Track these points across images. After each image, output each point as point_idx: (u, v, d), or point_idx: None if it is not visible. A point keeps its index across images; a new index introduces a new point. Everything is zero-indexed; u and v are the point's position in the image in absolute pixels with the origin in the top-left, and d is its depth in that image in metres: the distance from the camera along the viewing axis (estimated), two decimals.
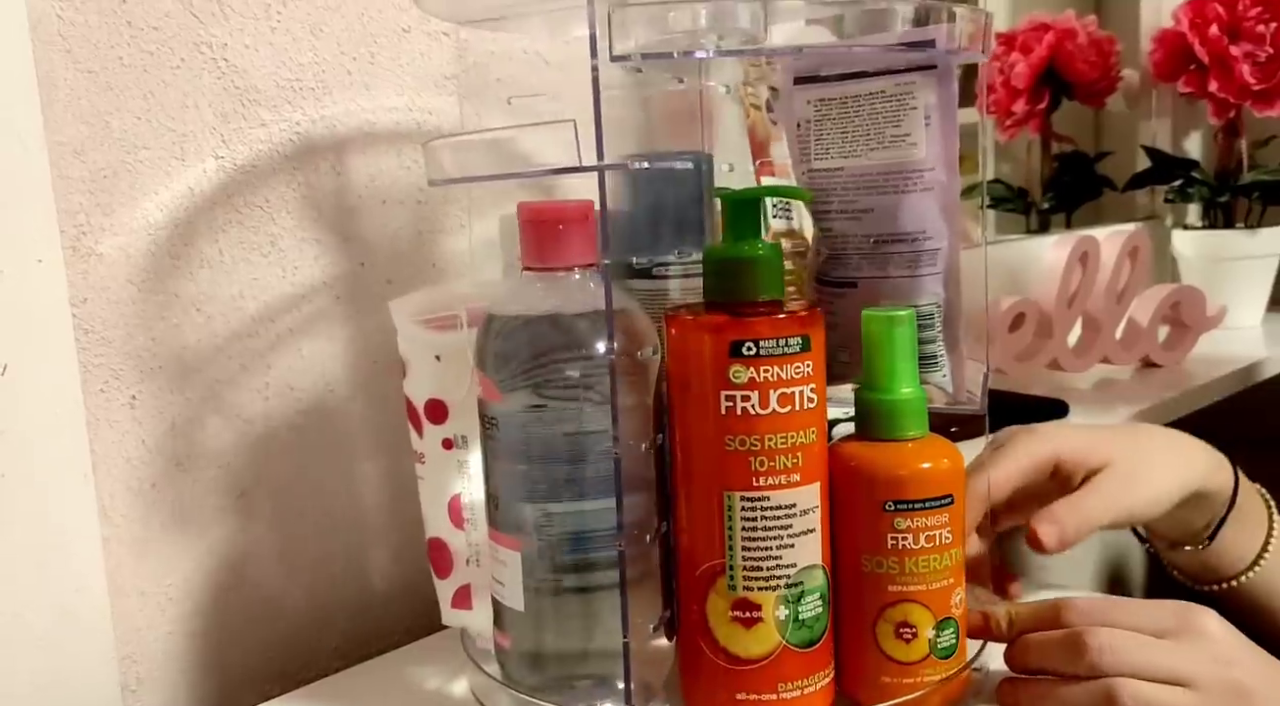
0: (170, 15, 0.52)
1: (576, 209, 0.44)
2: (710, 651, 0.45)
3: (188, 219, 0.54)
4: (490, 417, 0.45)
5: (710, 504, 0.44)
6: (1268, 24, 1.04)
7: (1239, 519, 0.60)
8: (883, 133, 0.49)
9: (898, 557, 0.46)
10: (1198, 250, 1.13)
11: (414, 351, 0.49)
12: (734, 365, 0.42)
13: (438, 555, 0.51)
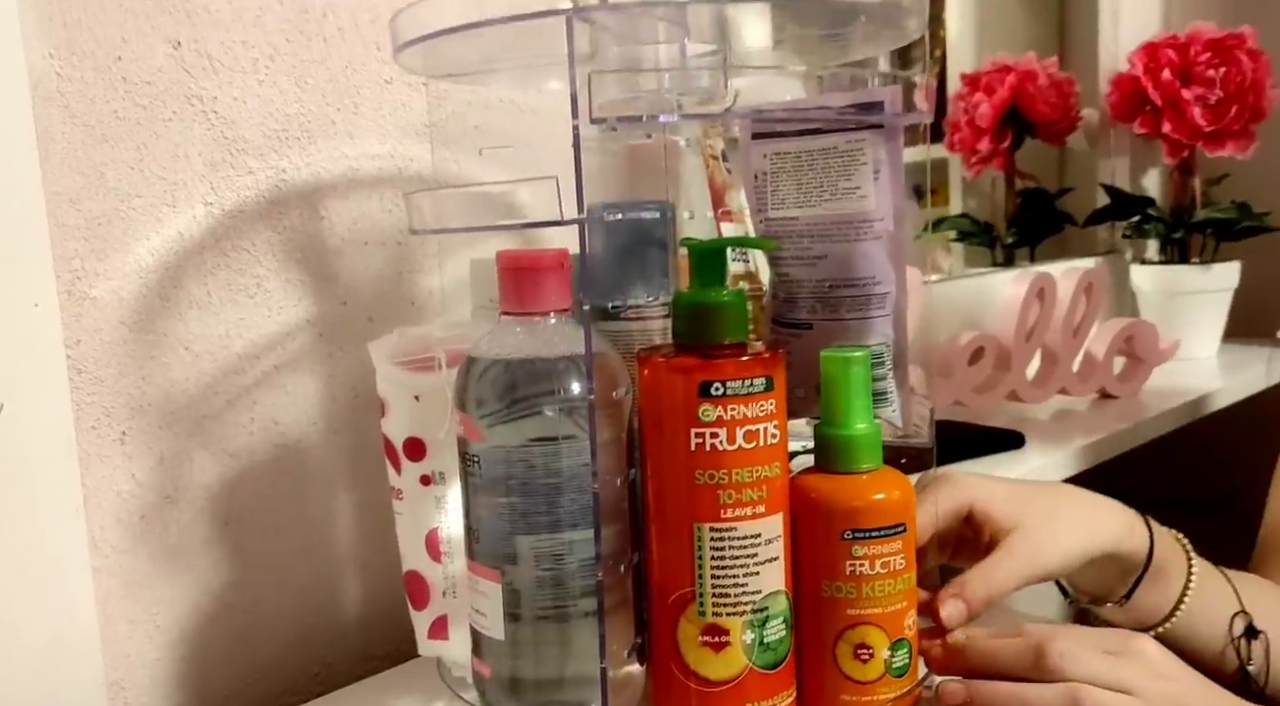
0: (163, 70, 0.55)
1: (553, 257, 0.47)
2: (681, 674, 0.47)
3: (177, 263, 0.56)
4: (472, 455, 0.47)
5: (681, 535, 0.46)
6: (1217, 69, 1.08)
7: (1155, 577, 0.62)
8: (835, 185, 0.52)
9: (855, 583, 0.48)
10: (1154, 284, 1.17)
11: (393, 392, 0.51)
12: (703, 404, 0.45)
13: (414, 587, 0.53)
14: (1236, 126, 1.08)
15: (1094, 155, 1.28)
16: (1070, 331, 0.96)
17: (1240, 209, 1.11)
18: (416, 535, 0.52)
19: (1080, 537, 0.58)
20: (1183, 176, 1.16)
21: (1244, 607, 0.66)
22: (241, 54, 0.58)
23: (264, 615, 0.61)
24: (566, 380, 0.45)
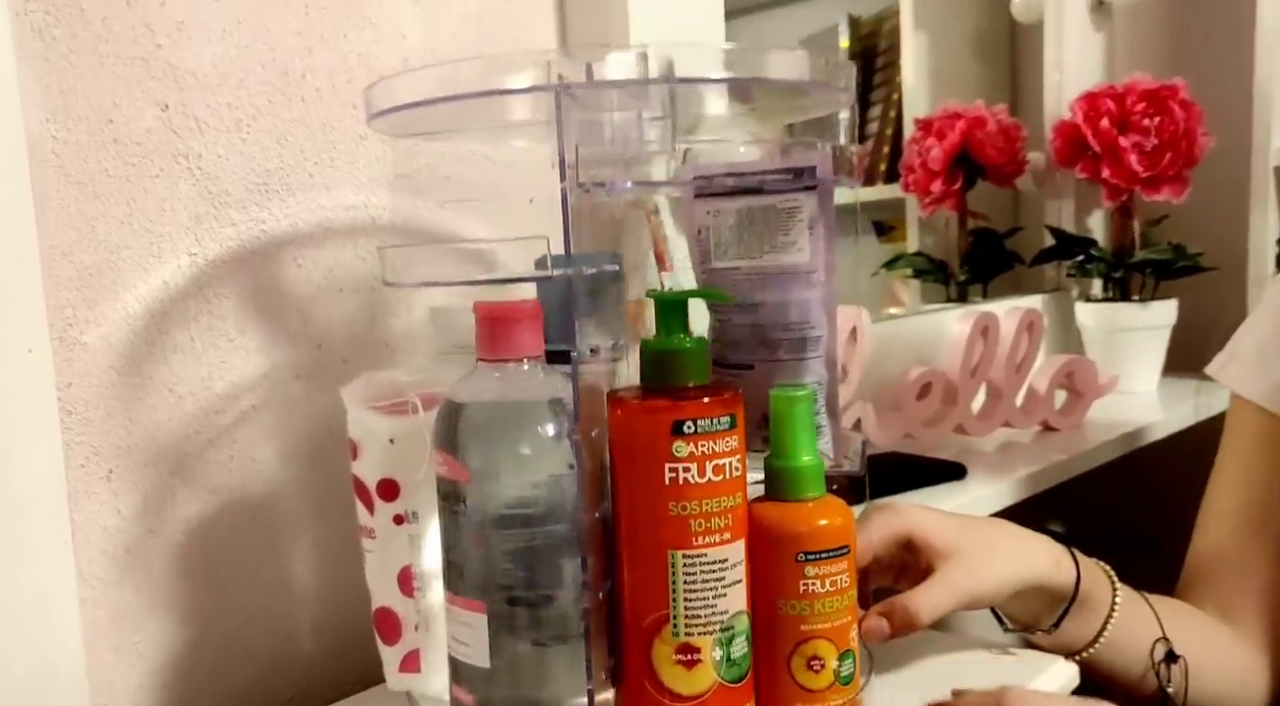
0: (151, 132, 0.59)
1: (528, 308, 0.50)
2: (655, 692, 0.50)
3: (163, 309, 0.60)
4: (458, 495, 0.49)
5: (656, 562, 0.50)
6: (1152, 118, 1.14)
7: (1081, 607, 0.66)
8: (774, 239, 0.56)
9: (808, 601, 0.52)
10: (1097, 320, 1.22)
11: (366, 435, 0.54)
12: (676, 441, 0.49)
13: (385, 623, 0.56)
14: (1171, 172, 1.14)
15: (1041, 196, 1.33)
16: (1013, 367, 1.00)
17: (1176, 250, 1.17)
18: (388, 572, 0.55)
19: (1011, 568, 0.63)
20: (1123, 219, 1.21)
21: (1165, 633, 0.70)
22: (226, 115, 0.62)
23: (240, 644, 0.64)
24: (547, 421, 0.49)
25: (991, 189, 1.34)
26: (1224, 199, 1.22)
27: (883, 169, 1.50)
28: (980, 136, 1.25)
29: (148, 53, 0.58)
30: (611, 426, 0.51)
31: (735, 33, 1.44)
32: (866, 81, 1.51)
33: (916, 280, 1.42)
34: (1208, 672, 0.72)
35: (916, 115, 1.37)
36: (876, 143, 1.51)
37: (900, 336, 1.07)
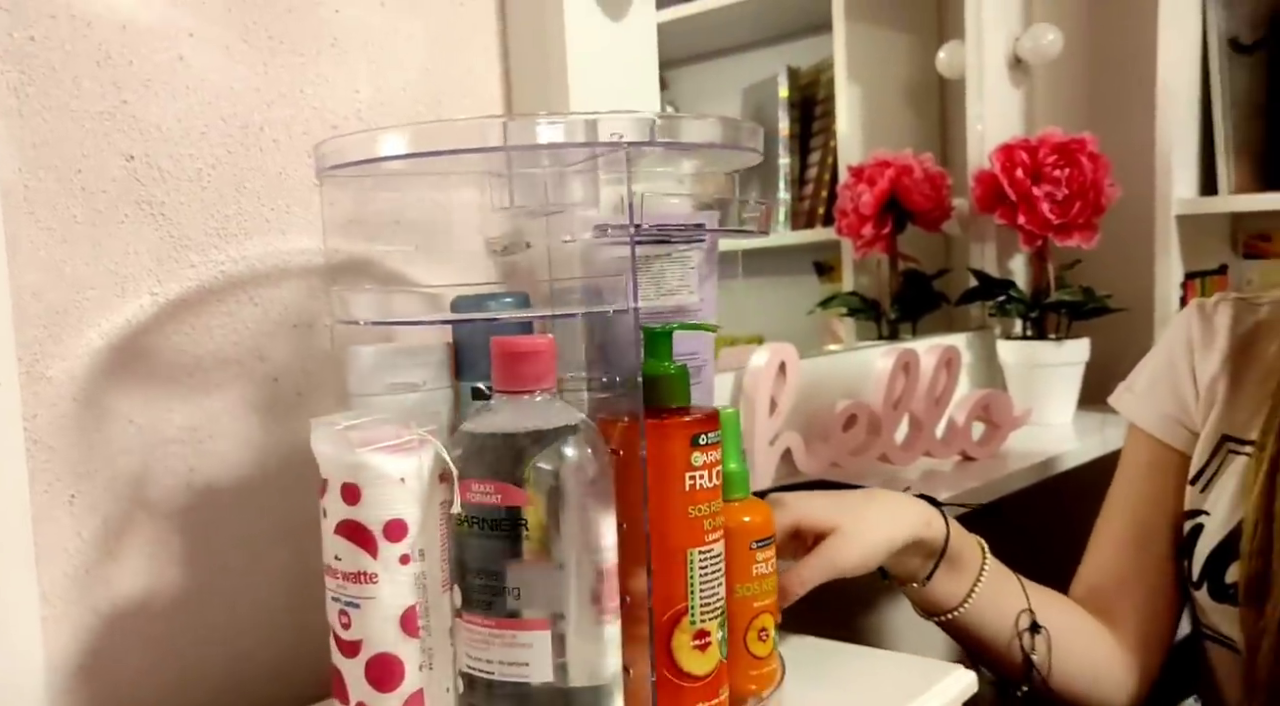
0: (117, 180, 0.63)
1: (545, 343, 0.53)
2: (675, 677, 0.56)
3: (125, 345, 0.63)
4: (517, 520, 0.51)
5: (678, 561, 0.56)
6: (1063, 169, 1.21)
7: (951, 565, 0.74)
8: (670, 283, 0.62)
9: (758, 582, 0.61)
10: (1017, 357, 1.28)
11: (370, 478, 0.52)
12: (694, 452, 0.56)
13: (384, 670, 0.53)
14: (1081, 220, 1.21)
15: (967, 241, 1.40)
16: (933, 400, 1.06)
17: (1086, 292, 1.23)
18: (391, 616, 0.53)
19: (882, 535, 0.70)
20: (1039, 262, 1.28)
21: (1031, 607, 0.77)
22: (188, 164, 0.66)
23: (195, 661, 0.67)
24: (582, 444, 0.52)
25: (923, 232, 1.40)
26: (1131, 245, 1.30)
27: (821, 212, 1.56)
28: (908, 183, 1.32)
29: (115, 108, 0.62)
30: (627, 447, 0.55)
31: (681, 81, 1.50)
32: (806, 129, 1.57)
33: (851, 318, 1.48)
34: (1072, 649, 0.78)
35: (850, 162, 1.44)
36: (815, 187, 1.57)
37: (831, 372, 1.12)
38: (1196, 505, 0.81)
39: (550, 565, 0.52)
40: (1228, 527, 0.77)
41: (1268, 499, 0.74)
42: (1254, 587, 0.73)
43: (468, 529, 0.52)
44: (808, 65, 1.55)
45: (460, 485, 0.52)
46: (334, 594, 0.54)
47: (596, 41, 0.82)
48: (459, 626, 0.54)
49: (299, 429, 0.69)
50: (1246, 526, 0.75)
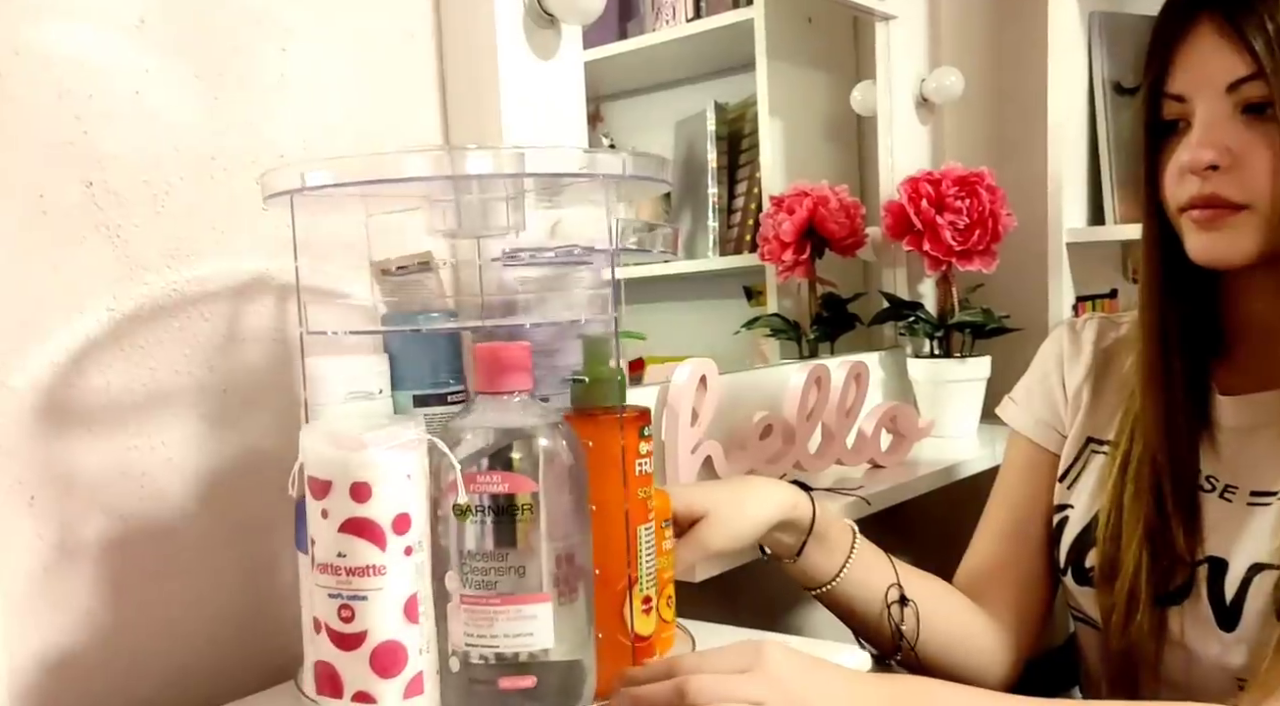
0: (77, 205, 0.67)
1: (521, 349, 0.60)
2: (627, 638, 0.65)
3: (83, 357, 0.67)
4: (523, 505, 0.58)
5: (631, 536, 0.64)
6: (964, 200, 1.29)
7: (820, 543, 0.82)
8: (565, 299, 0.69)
9: (667, 556, 0.71)
10: (925, 374, 1.36)
11: (382, 474, 0.55)
12: (641, 442, 0.66)
13: (388, 657, 0.56)
14: (980, 246, 1.29)
15: (879, 265, 1.48)
16: (843, 412, 1.13)
17: (986, 313, 1.32)
18: (396, 605, 0.56)
19: (748, 519, 0.79)
20: (944, 285, 1.36)
21: (900, 582, 0.84)
22: (144, 190, 0.70)
23: (148, 654, 0.70)
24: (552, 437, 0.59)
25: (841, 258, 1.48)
26: (1027, 270, 1.38)
27: (749, 239, 1.64)
28: (824, 213, 1.39)
29: (75, 137, 0.66)
30: (594, 438, 0.63)
31: (617, 114, 1.57)
32: (733, 161, 1.65)
33: (774, 339, 1.55)
34: (940, 621, 0.86)
35: (773, 193, 1.51)
36: (743, 216, 1.65)
37: (751, 386, 1.18)
38: (1063, 500, 0.89)
39: (546, 544, 0.59)
40: (1087, 518, 0.85)
41: (1119, 491, 0.81)
42: (1107, 569, 0.81)
43: (472, 517, 0.57)
44: (735, 101, 1.62)
45: (465, 477, 0.57)
46: (333, 591, 0.56)
47: (528, 79, 0.88)
48: (457, 610, 0.58)
49: (246, 436, 0.74)
50: (1101, 515, 0.83)
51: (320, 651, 0.57)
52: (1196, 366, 0.82)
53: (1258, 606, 0.73)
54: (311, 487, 0.56)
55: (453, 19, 0.87)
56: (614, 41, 1.56)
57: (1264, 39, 0.69)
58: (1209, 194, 0.74)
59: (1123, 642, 0.80)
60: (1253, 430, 0.80)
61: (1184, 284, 0.81)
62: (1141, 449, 0.81)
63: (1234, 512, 0.78)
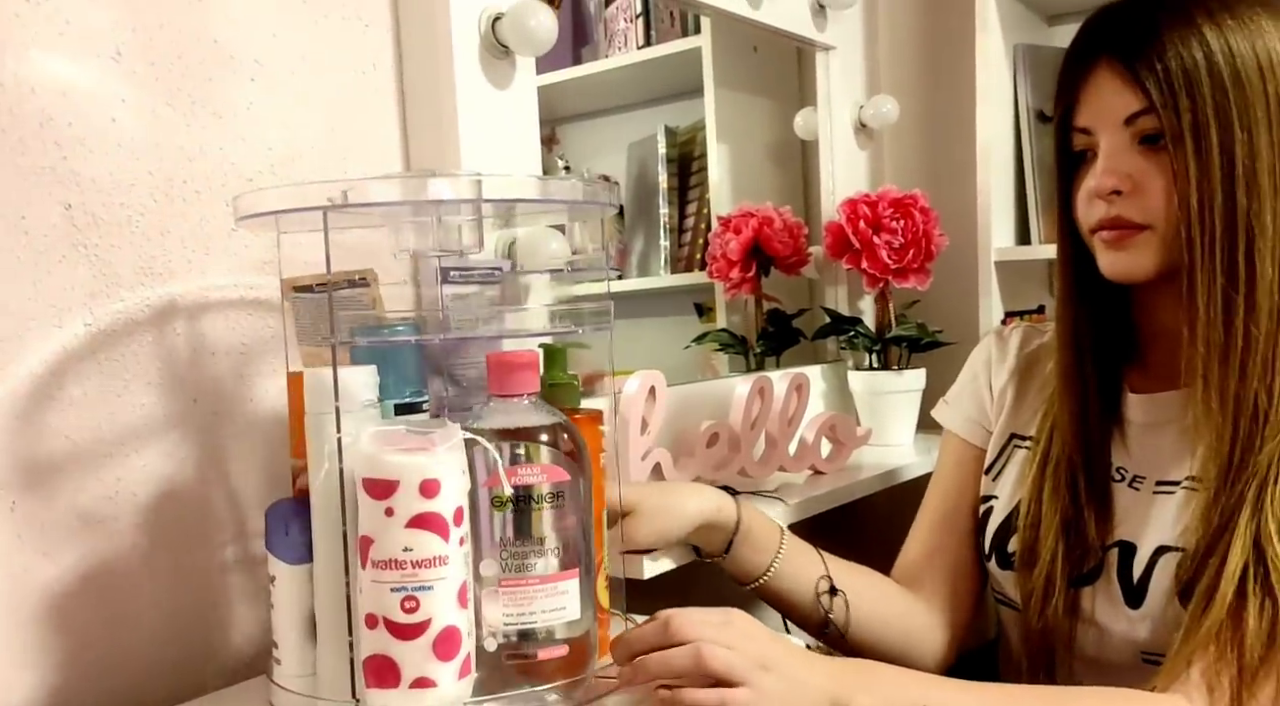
0: (56, 226, 0.70)
1: (529, 356, 0.66)
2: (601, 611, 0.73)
3: (62, 370, 0.71)
4: (559, 493, 0.65)
5: (598, 522, 0.72)
6: (899, 221, 1.36)
7: (747, 542, 0.89)
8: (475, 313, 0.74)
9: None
10: (864, 386, 1.42)
11: (446, 472, 0.60)
12: (601, 437, 0.73)
13: (448, 642, 0.59)
14: (915, 265, 1.36)
15: (822, 283, 1.55)
16: (785, 421, 1.18)
17: (920, 328, 1.38)
18: (454, 592, 0.60)
19: (672, 518, 0.85)
20: (882, 302, 1.43)
21: (829, 574, 0.90)
22: (119, 212, 0.74)
23: (121, 647, 0.73)
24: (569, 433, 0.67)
25: (785, 276, 1.54)
26: (959, 287, 1.46)
27: (699, 258, 1.69)
28: (769, 233, 1.46)
29: (55, 163, 0.70)
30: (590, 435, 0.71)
31: (572, 136, 1.62)
32: (684, 182, 1.70)
33: (723, 353, 1.61)
34: (869, 608, 0.92)
35: (720, 213, 1.57)
36: (693, 235, 1.70)
37: (699, 397, 1.23)
38: (988, 491, 0.95)
39: (575, 527, 0.66)
40: (1009, 507, 0.92)
41: (1039, 482, 0.88)
42: (1027, 554, 0.87)
43: (513, 507, 0.63)
44: (684, 125, 1.68)
45: (508, 471, 0.62)
46: (396, 584, 0.58)
47: (484, 107, 0.93)
48: (495, 594, 0.64)
49: (214, 444, 0.77)
50: (1022, 505, 0.89)
51: (374, 645, 0.59)
52: (1109, 369, 0.89)
53: (1162, 585, 0.80)
54: (372, 489, 0.59)
55: (413, 51, 0.92)
56: (569, 67, 1.60)
57: (1154, 78, 0.76)
58: (1114, 216, 0.81)
59: (1041, 622, 0.87)
60: (1158, 426, 0.86)
61: (1097, 296, 0.88)
62: (1059, 444, 0.88)
63: (1142, 500, 0.85)
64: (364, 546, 0.59)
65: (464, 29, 0.90)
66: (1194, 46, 0.75)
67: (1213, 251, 0.75)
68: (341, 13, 0.87)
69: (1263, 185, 0.75)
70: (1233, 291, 0.75)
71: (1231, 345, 0.76)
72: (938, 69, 1.59)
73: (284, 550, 0.67)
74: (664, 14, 1.59)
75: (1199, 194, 0.75)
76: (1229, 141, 0.75)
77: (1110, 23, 0.81)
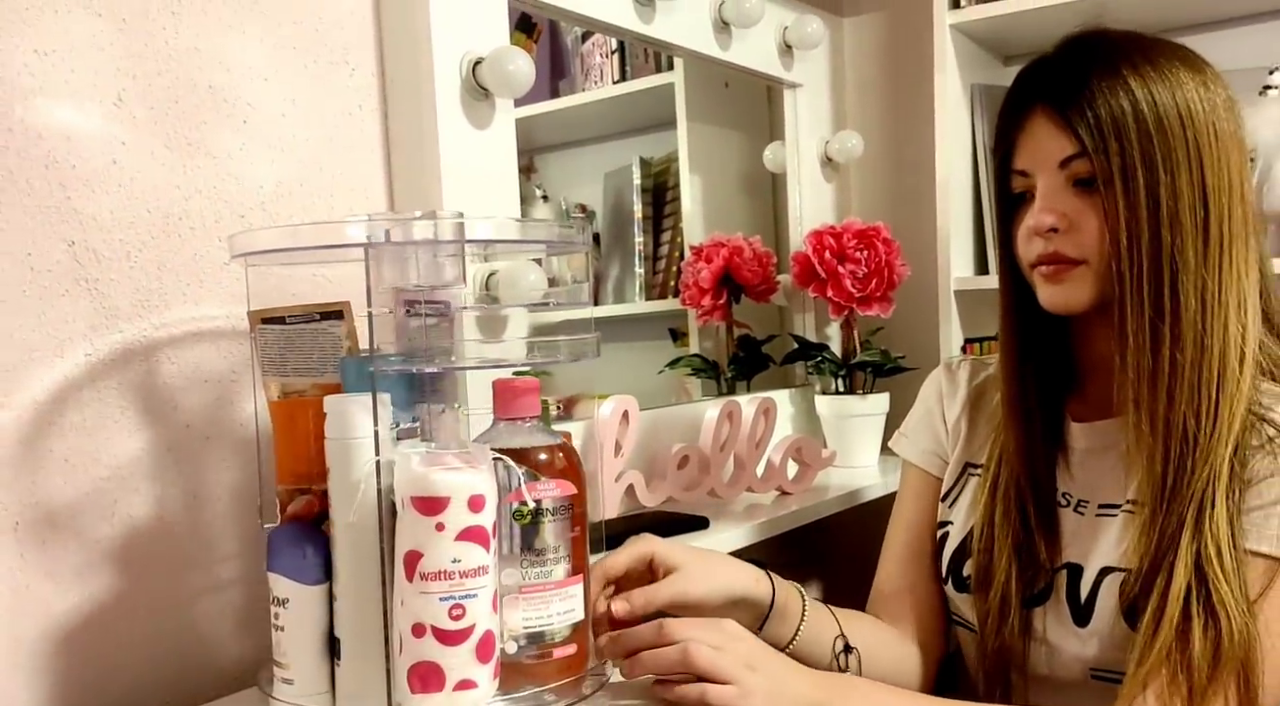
0: (59, 262, 0.74)
1: (533, 383, 0.72)
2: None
3: (62, 397, 0.74)
4: (572, 504, 0.71)
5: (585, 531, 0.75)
6: (862, 251, 1.42)
7: (778, 616, 0.89)
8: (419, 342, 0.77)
9: None
10: (830, 409, 1.48)
11: (489, 488, 0.65)
12: None
13: (487, 646, 0.64)
14: (878, 294, 1.42)
15: (790, 310, 1.60)
16: (753, 444, 1.23)
17: (884, 354, 1.44)
18: (490, 599, 0.64)
19: (720, 581, 0.84)
20: (848, 328, 1.48)
21: (843, 632, 0.92)
22: (118, 248, 0.78)
23: (119, 655, 0.77)
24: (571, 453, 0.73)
25: (755, 303, 1.59)
26: (920, 315, 1.51)
27: (673, 285, 1.74)
28: (738, 262, 1.51)
29: (60, 203, 0.74)
30: None
31: (551, 165, 1.67)
32: (659, 212, 1.75)
33: (695, 378, 1.65)
34: (876, 659, 0.94)
35: (692, 243, 1.62)
36: (667, 263, 1.75)
37: (671, 421, 1.28)
38: (945, 517, 1.00)
39: (579, 536, 0.71)
40: (964, 532, 0.96)
41: (990, 508, 0.92)
42: (981, 577, 0.92)
43: (532, 519, 0.69)
44: (659, 156, 1.73)
45: (527, 486, 0.68)
46: (444, 594, 0.63)
47: (465, 146, 0.97)
48: (515, 599, 0.69)
49: (207, 467, 0.81)
50: (975, 530, 0.93)
51: (421, 653, 0.63)
52: (1052, 399, 0.94)
53: (1108, 604, 0.84)
54: (422, 506, 0.63)
55: (397, 93, 0.97)
56: (547, 99, 1.65)
57: (1085, 125, 0.82)
58: (1052, 252, 0.86)
59: (997, 641, 0.90)
60: (1099, 452, 0.91)
61: (1038, 329, 0.92)
62: (1007, 472, 0.93)
63: (1086, 524, 0.89)
64: (411, 560, 0.63)
65: (446, 73, 0.95)
66: (1121, 96, 0.81)
67: (1140, 284, 0.80)
68: (329, 58, 0.92)
69: (1185, 223, 0.80)
70: (1159, 322, 0.80)
71: (1159, 372, 0.80)
72: (900, 106, 1.66)
73: (301, 572, 0.68)
74: (639, 49, 1.64)
75: (1127, 231, 0.81)
76: (1154, 183, 0.80)
77: (1044, 73, 0.87)
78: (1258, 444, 0.80)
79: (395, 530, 0.64)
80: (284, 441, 0.73)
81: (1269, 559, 0.77)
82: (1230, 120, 0.83)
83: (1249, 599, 0.76)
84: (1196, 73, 0.83)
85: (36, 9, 0.73)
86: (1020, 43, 1.53)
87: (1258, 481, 0.79)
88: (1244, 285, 0.82)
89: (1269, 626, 0.76)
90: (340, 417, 0.67)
